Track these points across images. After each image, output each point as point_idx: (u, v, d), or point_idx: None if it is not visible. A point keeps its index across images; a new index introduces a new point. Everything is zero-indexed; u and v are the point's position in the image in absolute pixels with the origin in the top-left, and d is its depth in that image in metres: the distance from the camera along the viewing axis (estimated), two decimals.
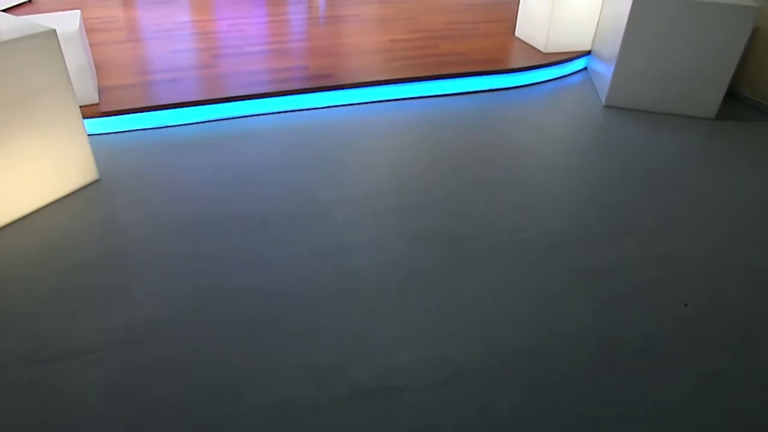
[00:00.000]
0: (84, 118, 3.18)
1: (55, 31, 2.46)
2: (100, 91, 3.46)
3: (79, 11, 3.46)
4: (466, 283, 2.15)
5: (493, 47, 4.25)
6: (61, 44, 3.05)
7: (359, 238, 2.38)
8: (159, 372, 1.73)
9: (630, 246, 2.41)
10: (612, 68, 3.68)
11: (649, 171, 3.02)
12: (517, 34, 4.49)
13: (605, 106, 3.77)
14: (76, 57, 3.15)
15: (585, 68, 4.36)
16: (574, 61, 4.22)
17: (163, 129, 3.29)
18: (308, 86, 3.49)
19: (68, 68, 3.09)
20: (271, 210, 2.55)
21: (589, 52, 4.29)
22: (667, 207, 2.71)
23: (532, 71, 3.96)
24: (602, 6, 4.11)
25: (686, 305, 2.10)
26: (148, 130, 3.29)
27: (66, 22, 3.21)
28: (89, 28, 4.57)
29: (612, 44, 3.73)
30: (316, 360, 1.79)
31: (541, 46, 4.21)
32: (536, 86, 4.00)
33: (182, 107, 3.33)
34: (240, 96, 3.39)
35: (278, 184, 2.75)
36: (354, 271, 2.19)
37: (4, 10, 4.96)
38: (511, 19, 4.81)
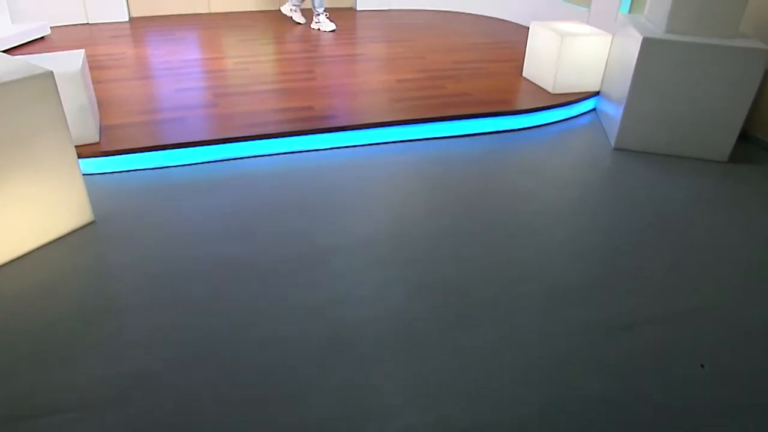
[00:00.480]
0: (83, 157, 3.19)
1: (52, 73, 2.43)
2: (102, 129, 3.44)
3: (83, 51, 3.46)
4: (468, 339, 2.04)
5: (500, 88, 4.20)
6: (62, 84, 3.08)
7: (355, 288, 2.28)
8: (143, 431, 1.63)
9: (640, 298, 2.30)
10: (621, 110, 3.61)
11: (660, 216, 2.92)
12: (524, 74, 4.45)
13: (614, 149, 3.68)
14: (77, 97, 3.14)
15: (594, 109, 4.29)
16: (583, 102, 4.15)
17: (163, 169, 3.25)
18: (311, 127, 3.45)
19: (69, 108, 3.12)
20: (267, 257, 2.46)
21: (597, 93, 4.23)
22: (679, 255, 2.60)
23: (540, 112, 3.90)
24: (610, 47, 4.07)
25: (702, 366, 1.97)
26: (148, 170, 3.25)
27: (69, 62, 3.20)
28: (97, 65, 4.60)
29: (621, 86, 3.66)
30: (304, 423, 1.68)
31: (548, 86, 4.15)
32: (544, 128, 3.94)
33: (183, 147, 3.29)
34: (241, 137, 3.35)
35: (275, 229, 2.67)
36: (348, 323, 2.09)
37: (18, 46, 5.06)
38: (519, 58, 4.78)
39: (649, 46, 3.39)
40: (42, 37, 5.40)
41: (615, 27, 4.05)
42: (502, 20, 6.44)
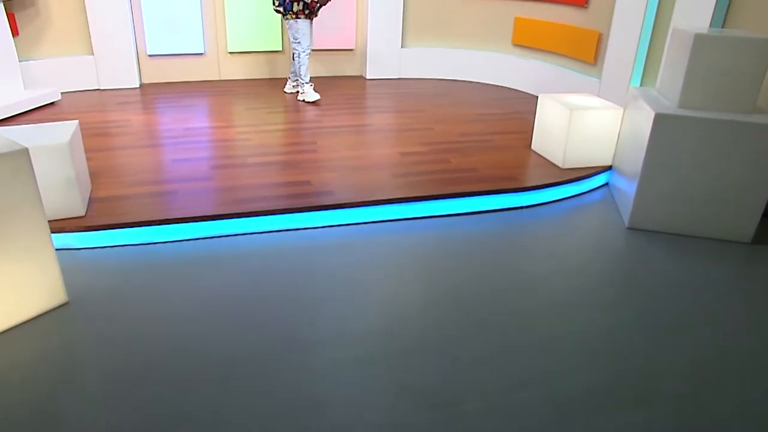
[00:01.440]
0: (67, 231, 3.06)
1: (26, 150, 2.33)
2: (91, 202, 3.33)
3: (76, 122, 3.40)
4: None
5: (507, 162, 4.04)
6: (49, 156, 3.00)
7: (336, 392, 2.05)
8: None
9: (657, 411, 2.02)
10: (634, 188, 3.41)
11: (679, 308, 2.66)
12: (533, 147, 4.30)
13: (628, 228, 3.46)
14: (63, 170, 3.05)
15: (606, 184, 4.09)
16: (594, 178, 3.97)
17: (148, 245, 3.10)
18: (305, 205, 3.29)
19: (54, 180, 3.03)
20: (244, 350, 2.25)
21: (610, 167, 4.04)
22: (701, 356, 2.32)
23: (548, 189, 3.71)
24: (622, 120, 3.91)
25: None
26: (133, 246, 3.11)
27: (59, 134, 3.13)
28: (100, 132, 4.57)
29: (634, 162, 3.48)
30: None
31: (558, 161, 3.98)
32: (553, 204, 3.74)
33: (169, 224, 3.15)
34: (232, 214, 3.20)
35: (256, 318, 2.47)
36: None
37: (28, 111, 5.09)
38: (528, 130, 4.64)
39: (662, 122, 3.22)
40: (52, 103, 5.43)
41: (626, 100, 3.91)
42: (513, 89, 6.38)
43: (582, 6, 5.37)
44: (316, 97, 5.48)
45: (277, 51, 6.44)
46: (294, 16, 5.21)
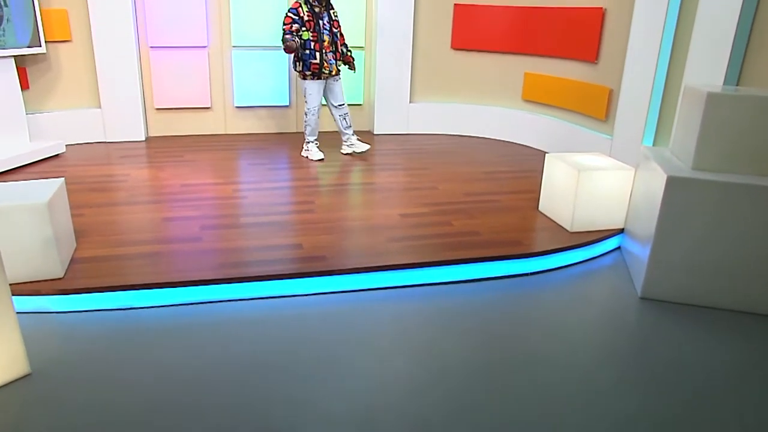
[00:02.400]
0: (42, 294, 2.92)
1: None
2: (73, 262, 3.20)
3: (62, 180, 3.30)
4: None
5: (513, 225, 3.83)
6: (27, 216, 2.89)
7: None
8: None
9: None
10: (647, 254, 3.17)
11: (696, 393, 2.39)
12: (540, 208, 4.09)
13: (641, 298, 3.21)
14: (41, 230, 2.94)
15: (618, 248, 3.85)
16: (605, 241, 3.73)
17: (127, 311, 2.94)
18: (294, 271, 3.11)
19: (31, 240, 2.90)
20: None
21: (622, 230, 3.81)
22: None
23: (556, 254, 3.48)
24: (634, 182, 3.70)
25: None
26: (111, 311, 2.94)
27: (41, 192, 3.04)
28: (96, 187, 4.50)
29: (646, 227, 3.25)
30: None
31: (566, 223, 3.76)
32: (561, 271, 3.51)
33: (149, 289, 2.98)
34: (214, 279, 3.03)
35: (227, 398, 2.25)
36: None
37: (32, 163, 5.10)
38: (536, 190, 4.44)
39: (674, 185, 3.01)
40: (57, 155, 5.41)
41: (637, 160, 3.71)
42: (523, 146, 6.22)
43: (592, 62, 5.26)
44: (319, 156, 5.36)
45: (284, 106, 6.40)
46: (301, 75, 5.16)
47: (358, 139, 5.57)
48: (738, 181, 2.94)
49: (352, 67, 5.34)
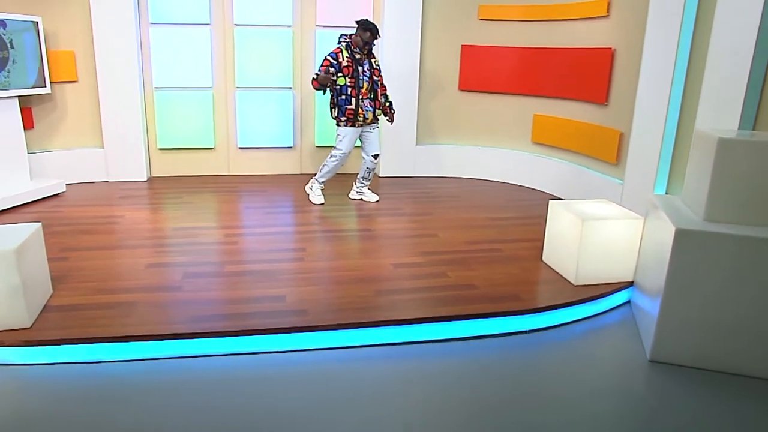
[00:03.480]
0: (5, 346, 2.78)
1: None
2: (45, 310, 3.07)
3: (38, 225, 3.18)
4: None
5: (513, 277, 3.59)
6: None
7: None
8: None
9: None
10: (656, 312, 2.90)
11: None
12: (544, 258, 3.85)
13: (650, 361, 2.93)
14: (8, 278, 2.83)
15: (628, 302, 3.58)
16: (613, 296, 3.47)
17: (94, 364, 2.78)
18: (273, 326, 2.91)
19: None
20: None
21: (631, 283, 3.54)
22: None
23: (557, 310, 3.23)
24: (643, 229, 3.45)
25: None
26: (78, 365, 2.78)
27: (11, 238, 2.91)
28: (87, 229, 4.40)
29: (655, 282, 3.00)
30: None
31: (570, 276, 3.51)
32: (563, 328, 3.25)
33: (119, 342, 2.80)
34: (187, 333, 2.85)
35: None
36: None
37: (31, 202, 5.07)
38: (541, 238, 4.17)
39: (684, 238, 2.76)
40: (58, 194, 5.36)
41: (646, 209, 3.47)
42: (532, 189, 6.00)
43: (602, 104, 5.06)
44: (320, 200, 5.20)
45: (287, 147, 6.31)
46: (336, 121, 5.00)
47: (369, 189, 5.44)
48: (754, 234, 2.69)
49: (390, 117, 5.18)
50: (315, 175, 5.33)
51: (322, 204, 5.19)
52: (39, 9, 5.37)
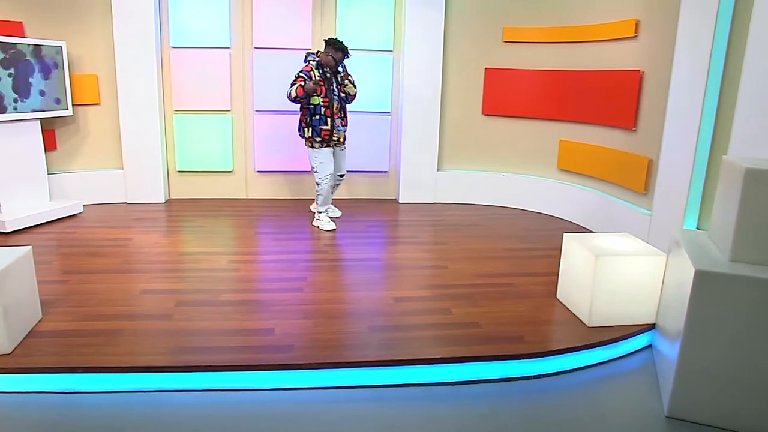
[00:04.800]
0: None
1: None
2: (30, 336, 3.00)
3: (28, 248, 3.13)
4: None
5: (522, 315, 3.32)
6: None
7: None
8: None
9: None
10: (674, 363, 2.60)
11: None
12: (558, 296, 3.57)
13: (667, 417, 2.62)
14: None
15: (650, 346, 3.27)
16: (632, 339, 3.17)
17: (70, 395, 2.67)
18: (255, 362, 2.74)
19: None
20: None
21: (653, 326, 3.24)
22: None
23: (567, 355, 2.95)
24: (666, 267, 3.16)
25: None
26: (54, 395, 2.68)
27: None
28: (92, 251, 4.38)
29: (676, 327, 2.70)
30: None
31: (584, 317, 3.23)
32: (573, 374, 2.97)
33: (94, 372, 2.70)
34: (168, 367, 2.72)
35: None
36: None
37: (51, 221, 5.13)
38: (558, 273, 3.92)
39: (705, 281, 2.48)
40: (75, 215, 5.38)
41: (669, 245, 3.17)
42: (557, 218, 5.70)
43: (630, 129, 4.77)
44: (331, 227, 5.05)
45: (305, 171, 6.21)
46: (309, 143, 4.90)
47: (333, 205, 5.45)
48: None
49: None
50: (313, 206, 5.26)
51: (334, 230, 5.04)
52: (64, 34, 5.47)
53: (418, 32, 5.82)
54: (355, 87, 4.99)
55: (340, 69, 4.94)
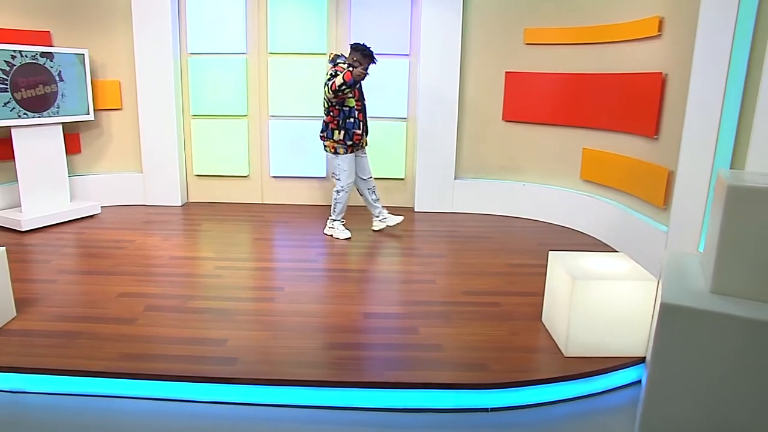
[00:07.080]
0: None
1: None
2: None
3: (2, 249, 3.16)
4: None
5: (494, 339, 3.06)
6: None
7: None
8: None
9: None
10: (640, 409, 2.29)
11: None
12: (543, 319, 3.28)
13: None
14: None
15: (639, 381, 2.93)
16: (614, 374, 2.85)
17: (15, 394, 2.70)
18: (195, 374, 2.64)
19: None
20: None
21: (644, 359, 2.90)
22: None
23: (530, 387, 2.67)
24: (656, 294, 2.81)
25: None
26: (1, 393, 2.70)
27: None
28: (92, 252, 4.46)
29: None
30: None
31: (562, 345, 2.93)
32: (540, 409, 2.69)
33: (37, 374, 2.71)
34: (109, 372, 2.69)
35: None
36: None
37: (69, 221, 5.29)
38: None
39: (671, 316, 2.17)
40: (92, 215, 5.52)
41: (659, 269, 2.83)
42: (576, 231, 5.31)
43: (651, 137, 4.37)
44: (346, 235, 4.88)
45: (320, 177, 6.11)
46: (332, 149, 4.74)
47: (389, 212, 5.10)
48: (763, 318, 2.03)
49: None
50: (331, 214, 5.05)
51: (350, 238, 4.87)
52: (88, 41, 5.62)
53: (435, 35, 5.60)
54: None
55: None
